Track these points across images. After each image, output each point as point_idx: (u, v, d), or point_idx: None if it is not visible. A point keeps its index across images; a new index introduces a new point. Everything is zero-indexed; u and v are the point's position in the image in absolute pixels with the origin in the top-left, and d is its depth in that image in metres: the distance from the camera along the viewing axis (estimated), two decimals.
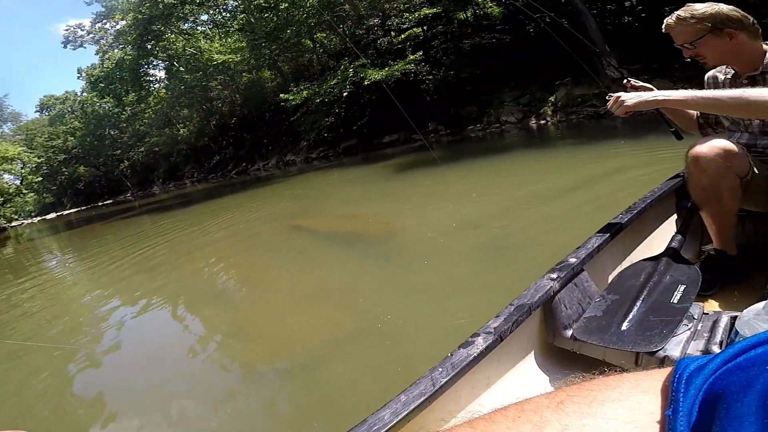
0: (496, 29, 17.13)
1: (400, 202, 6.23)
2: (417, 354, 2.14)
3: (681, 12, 1.47)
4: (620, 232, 1.55)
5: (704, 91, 1.39)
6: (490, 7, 18.68)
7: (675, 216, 1.95)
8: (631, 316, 1.19)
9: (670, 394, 0.28)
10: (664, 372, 0.31)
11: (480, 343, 1.01)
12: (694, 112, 1.74)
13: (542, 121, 14.47)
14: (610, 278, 1.46)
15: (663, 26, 1.53)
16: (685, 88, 1.43)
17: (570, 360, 1.24)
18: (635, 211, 1.64)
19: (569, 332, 1.21)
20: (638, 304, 1.23)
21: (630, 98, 1.44)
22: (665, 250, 1.50)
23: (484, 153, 10.79)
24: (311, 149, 23.97)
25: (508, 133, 14.29)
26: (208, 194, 18.26)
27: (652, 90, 1.65)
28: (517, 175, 6.61)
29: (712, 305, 1.46)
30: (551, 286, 1.22)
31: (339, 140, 22.03)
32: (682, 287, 1.26)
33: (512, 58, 16.28)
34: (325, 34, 24.21)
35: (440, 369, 0.93)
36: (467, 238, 3.89)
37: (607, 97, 1.56)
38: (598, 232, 1.51)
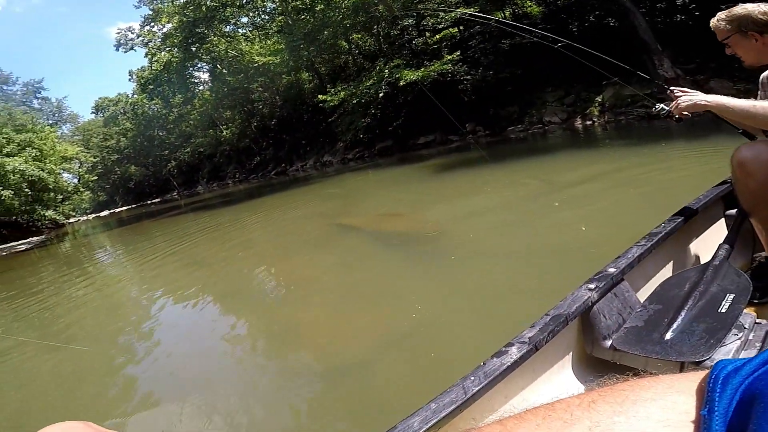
0: (538, 28, 16.68)
1: (443, 201, 6.14)
2: (465, 357, 2.09)
3: (721, 12, 1.57)
4: (663, 242, 1.49)
5: (726, 98, 1.44)
6: (530, 6, 18.22)
7: (723, 223, 1.86)
8: (675, 326, 1.14)
9: (706, 394, 0.28)
10: (701, 374, 0.31)
11: (514, 352, 0.99)
12: None
13: (588, 122, 13.95)
14: (653, 288, 1.41)
15: (711, 24, 1.63)
16: (747, 88, 1.43)
17: (609, 371, 1.19)
18: (679, 220, 1.57)
19: (608, 342, 1.18)
20: (683, 313, 1.18)
21: (683, 101, 1.56)
22: (712, 258, 1.44)
23: (528, 153, 10.49)
24: (347, 150, 24.27)
25: (551, 134, 13.87)
26: (250, 194, 18.82)
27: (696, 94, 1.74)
28: (564, 174, 6.34)
29: (765, 314, 1.38)
30: (589, 297, 1.19)
31: (374, 141, 22.17)
32: (731, 296, 1.20)
33: (555, 57, 15.78)
34: (360, 35, 24.42)
35: (472, 377, 0.92)
36: (515, 238, 3.78)
37: (656, 109, 1.74)
38: (640, 241, 1.46)
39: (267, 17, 28.14)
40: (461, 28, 19.33)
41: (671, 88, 1.74)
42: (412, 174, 10.80)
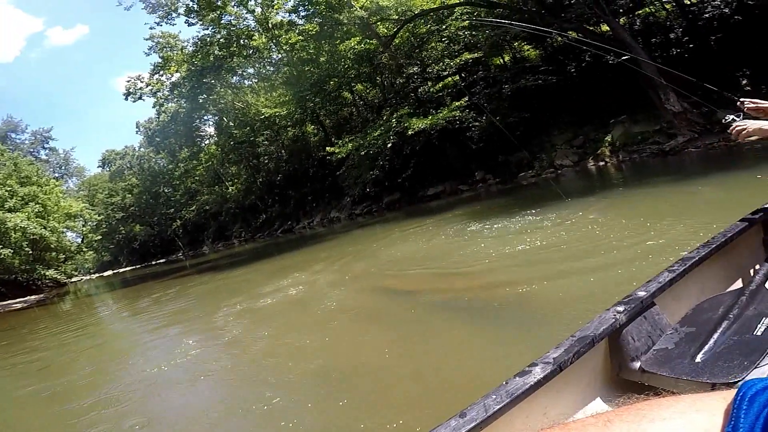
0: (540, 71, 16.89)
1: (488, 257, 5.39)
2: None
3: None
4: (698, 266, 1.48)
5: None
6: (528, 49, 18.64)
7: (762, 248, 1.83)
8: (707, 348, 1.13)
9: (732, 412, 0.27)
10: (726, 393, 0.30)
11: (537, 372, 0.98)
12: None
13: (601, 163, 13.85)
14: (685, 312, 1.38)
15: None
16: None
17: (638, 393, 0.98)
18: (714, 244, 1.55)
19: (637, 364, 1.18)
20: (716, 336, 1.16)
21: (747, 126, 1.60)
22: (748, 282, 1.44)
23: (541, 200, 10.00)
24: (355, 205, 23.96)
25: (564, 177, 13.66)
26: (259, 254, 17.92)
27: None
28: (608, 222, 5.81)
29: None
30: (617, 319, 1.19)
31: (382, 195, 21.99)
32: (767, 320, 1.17)
33: (560, 99, 15.93)
34: (363, 86, 24.87)
35: (494, 396, 0.91)
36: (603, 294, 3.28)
37: (725, 120, 1.75)
38: (672, 265, 1.45)
39: (272, 68, 28.79)
40: (464, 74, 19.62)
41: (742, 99, 1.75)
42: (433, 226, 10.33)
